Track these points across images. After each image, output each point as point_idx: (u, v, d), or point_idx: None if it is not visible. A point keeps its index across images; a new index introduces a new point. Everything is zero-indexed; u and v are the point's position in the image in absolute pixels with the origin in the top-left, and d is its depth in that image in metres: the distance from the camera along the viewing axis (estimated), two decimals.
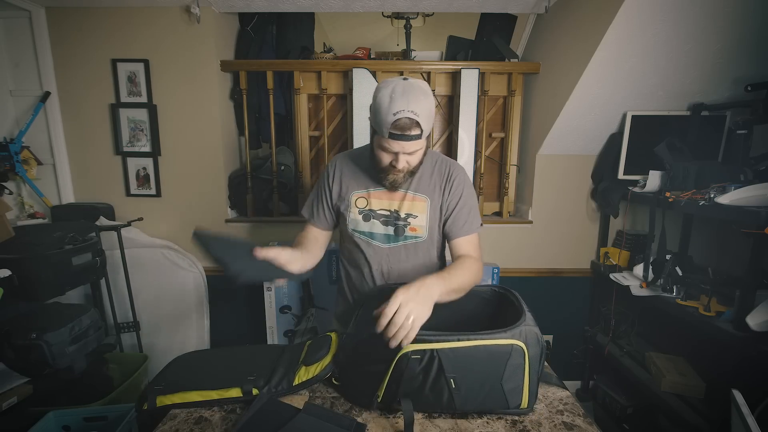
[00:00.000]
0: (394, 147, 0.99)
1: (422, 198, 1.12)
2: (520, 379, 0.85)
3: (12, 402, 1.35)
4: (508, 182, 2.18)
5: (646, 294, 1.71)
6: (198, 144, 2.08)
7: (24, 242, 1.55)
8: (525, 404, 0.87)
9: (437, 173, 1.14)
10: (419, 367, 0.83)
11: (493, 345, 0.83)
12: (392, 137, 0.97)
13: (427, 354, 0.82)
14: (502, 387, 0.84)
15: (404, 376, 0.83)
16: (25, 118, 1.97)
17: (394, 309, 0.79)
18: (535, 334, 0.86)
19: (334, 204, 1.18)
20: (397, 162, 1.02)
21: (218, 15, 2.01)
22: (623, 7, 1.42)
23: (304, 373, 0.95)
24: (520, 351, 0.83)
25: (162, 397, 0.90)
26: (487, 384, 0.84)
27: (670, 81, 1.73)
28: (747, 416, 0.90)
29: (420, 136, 0.98)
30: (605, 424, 2.00)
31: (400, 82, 0.98)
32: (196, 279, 2.11)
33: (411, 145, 0.99)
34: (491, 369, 0.84)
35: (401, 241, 1.14)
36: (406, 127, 0.95)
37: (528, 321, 0.88)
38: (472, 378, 0.84)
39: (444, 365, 0.82)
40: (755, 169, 1.57)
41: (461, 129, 2.03)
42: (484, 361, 0.83)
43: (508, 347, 0.83)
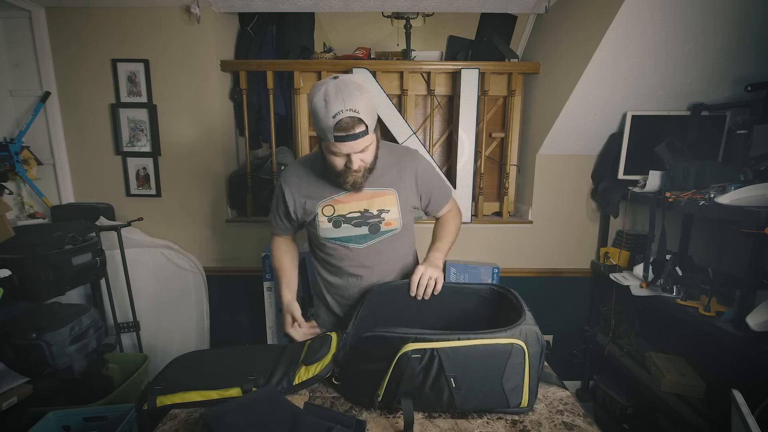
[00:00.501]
0: (343, 149, 0.97)
1: (390, 191, 1.13)
2: (520, 378, 0.85)
3: (12, 402, 1.34)
4: (508, 182, 2.18)
5: (646, 294, 1.71)
6: (198, 144, 2.08)
7: (24, 242, 1.55)
8: (525, 403, 0.87)
9: (397, 167, 1.14)
10: (419, 366, 0.83)
11: (494, 344, 0.83)
12: (338, 140, 0.95)
13: (427, 353, 0.82)
14: (503, 386, 0.84)
15: (404, 375, 0.83)
16: (25, 118, 1.97)
17: (418, 277, 1.05)
18: (535, 333, 0.86)
19: (297, 220, 1.18)
20: (352, 163, 1.00)
21: (218, 15, 2.01)
22: (623, 7, 1.42)
23: (305, 372, 0.94)
24: (520, 350, 0.83)
25: (162, 397, 0.90)
26: (487, 383, 0.84)
27: (670, 81, 1.73)
28: (747, 416, 0.90)
29: (366, 132, 0.96)
30: (605, 424, 2.00)
31: (330, 82, 0.95)
32: (196, 279, 2.11)
33: (359, 144, 0.97)
34: (491, 368, 0.84)
35: (378, 237, 1.15)
36: (349, 126, 0.93)
37: (528, 320, 0.88)
38: (472, 377, 0.84)
39: (444, 364, 0.82)
40: (755, 169, 1.57)
41: (461, 129, 2.03)
42: (484, 361, 0.83)
43: (509, 346, 0.83)
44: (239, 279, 2.20)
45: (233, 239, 2.19)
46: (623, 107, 1.86)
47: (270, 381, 0.91)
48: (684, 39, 1.55)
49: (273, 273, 1.96)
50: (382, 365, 0.85)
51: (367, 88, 0.98)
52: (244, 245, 2.19)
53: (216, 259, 2.20)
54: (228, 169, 2.18)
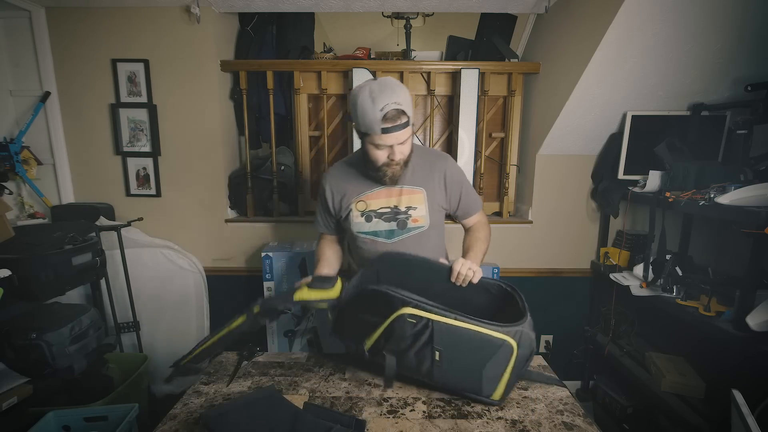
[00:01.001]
0: (388, 141, 1.05)
1: (418, 190, 1.20)
2: (500, 371, 0.87)
3: (12, 402, 1.34)
4: (508, 182, 2.18)
5: (646, 294, 1.71)
6: (198, 144, 2.08)
7: (24, 242, 1.55)
8: (498, 396, 0.89)
9: (428, 165, 1.22)
10: (412, 330, 0.86)
11: (487, 335, 0.85)
12: (385, 131, 1.03)
13: (422, 321, 0.85)
14: (482, 374, 0.87)
15: (395, 334, 0.86)
16: (25, 118, 1.97)
17: (460, 265, 1.06)
18: (529, 339, 0.88)
19: (335, 215, 1.26)
20: (395, 154, 1.08)
21: (218, 15, 2.01)
22: (623, 7, 1.42)
23: (306, 293, 0.96)
24: (509, 348, 0.85)
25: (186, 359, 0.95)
26: (469, 367, 0.87)
27: (670, 81, 1.73)
28: (747, 416, 0.90)
29: (408, 123, 1.06)
30: (605, 424, 2.00)
31: (372, 82, 1.05)
32: (196, 279, 2.11)
33: (403, 134, 1.06)
34: (477, 355, 0.86)
35: (405, 234, 1.21)
36: (395, 117, 1.02)
37: (527, 325, 0.89)
38: (456, 357, 0.87)
39: (435, 336, 0.85)
40: (755, 169, 1.57)
41: (461, 129, 2.03)
42: (473, 346, 0.85)
43: (500, 341, 0.85)
44: (239, 279, 2.20)
45: (233, 239, 2.19)
46: (623, 107, 1.86)
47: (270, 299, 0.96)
48: (684, 39, 1.55)
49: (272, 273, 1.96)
50: (377, 319, 0.88)
51: (404, 85, 1.09)
52: (244, 245, 2.19)
53: (216, 259, 2.20)
54: (228, 169, 2.18)
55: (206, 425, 0.75)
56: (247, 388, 1.03)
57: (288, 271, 1.97)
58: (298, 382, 1.05)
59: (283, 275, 1.97)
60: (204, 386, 1.03)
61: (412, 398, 0.97)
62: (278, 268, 1.96)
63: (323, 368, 1.12)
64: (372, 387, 1.02)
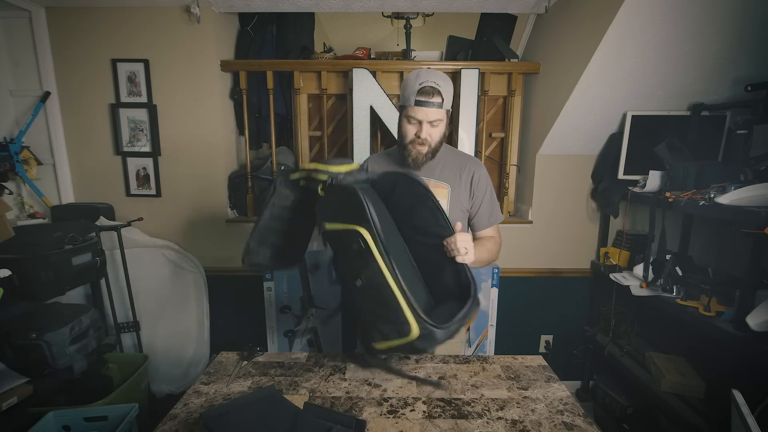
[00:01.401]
0: (419, 114, 1.12)
1: (443, 185, 1.23)
2: (392, 337, 0.85)
3: (12, 402, 1.34)
4: (508, 182, 2.18)
5: (646, 294, 1.71)
6: (198, 144, 2.08)
7: (24, 242, 1.55)
8: (379, 348, 0.88)
9: (457, 166, 1.25)
10: (356, 247, 0.86)
11: (402, 308, 0.82)
12: (417, 104, 1.11)
13: (366, 251, 0.84)
14: (378, 329, 0.87)
15: (343, 239, 0.89)
16: (25, 118, 1.97)
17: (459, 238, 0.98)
18: (433, 341, 0.84)
19: None
20: (421, 131, 1.14)
21: (218, 15, 2.01)
22: (623, 7, 1.42)
23: (315, 164, 0.99)
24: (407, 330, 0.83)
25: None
26: (372, 311, 0.87)
27: (670, 81, 1.73)
28: (747, 416, 0.90)
29: (441, 105, 1.12)
30: (605, 424, 2.00)
31: (424, 68, 1.19)
32: (196, 279, 2.11)
33: (433, 113, 1.12)
34: (382, 311, 0.85)
35: None
36: (429, 93, 1.10)
37: (442, 332, 0.84)
38: (370, 294, 0.87)
39: (364, 271, 0.85)
40: (755, 169, 1.57)
41: (461, 129, 2.03)
42: (384, 306, 0.84)
43: (405, 320, 0.83)
44: (239, 279, 2.20)
45: (233, 239, 2.19)
46: (623, 107, 1.86)
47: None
48: (684, 39, 1.55)
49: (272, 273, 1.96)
50: (343, 216, 0.89)
51: (451, 81, 1.17)
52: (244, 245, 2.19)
53: (216, 259, 2.20)
54: (228, 169, 2.18)
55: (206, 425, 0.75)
56: (247, 388, 1.03)
57: (288, 271, 1.97)
58: (298, 382, 1.05)
59: (283, 275, 1.97)
60: (204, 386, 1.03)
61: (412, 398, 0.97)
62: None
63: (323, 368, 1.12)
64: (372, 387, 1.02)
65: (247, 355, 1.17)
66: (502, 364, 1.15)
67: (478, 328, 2.06)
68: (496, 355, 1.30)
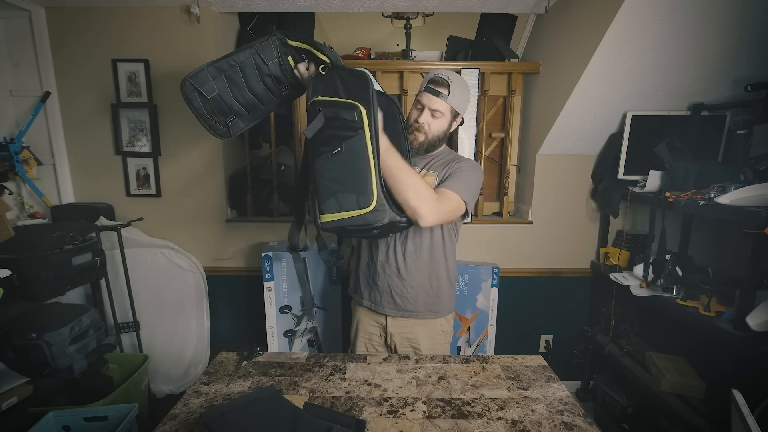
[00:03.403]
0: (423, 99, 1.21)
1: (432, 173, 1.27)
2: (345, 208, 0.94)
3: (12, 402, 1.34)
4: (508, 182, 2.18)
5: (646, 294, 1.71)
6: (198, 144, 2.08)
7: (24, 242, 1.55)
8: (324, 219, 0.95)
9: (452, 160, 1.29)
10: (347, 117, 0.94)
11: (370, 175, 0.93)
12: (426, 90, 1.20)
13: (358, 124, 0.93)
14: (337, 195, 0.94)
15: (340, 112, 0.95)
16: (25, 118, 1.97)
17: None
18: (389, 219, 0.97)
19: None
20: (421, 116, 1.21)
21: (218, 15, 2.01)
22: (623, 7, 1.42)
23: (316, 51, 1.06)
24: (370, 199, 0.93)
25: None
26: (340, 179, 0.94)
27: (670, 81, 1.73)
28: (747, 416, 0.90)
29: (446, 98, 1.18)
30: (605, 424, 2.00)
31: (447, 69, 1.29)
32: (196, 279, 2.11)
33: (436, 101, 1.19)
34: (351, 179, 0.94)
35: None
36: (438, 82, 1.18)
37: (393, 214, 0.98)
38: (343, 162, 0.94)
39: (347, 143, 0.93)
40: (755, 169, 1.57)
41: (461, 129, 2.03)
42: (354, 170, 0.94)
43: (371, 189, 0.94)
44: (239, 279, 2.20)
45: (233, 239, 2.19)
46: (623, 107, 1.86)
47: None
48: (684, 39, 1.55)
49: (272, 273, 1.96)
50: (346, 91, 0.97)
51: (470, 89, 1.26)
52: (244, 245, 2.19)
53: (216, 259, 2.20)
54: (228, 169, 2.18)
55: (206, 425, 0.75)
56: (247, 388, 1.03)
57: (288, 271, 1.97)
58: (298, 382, 1.05)
59: (283, 275, 1.97)
60: (204, 386, 1.03)
61: (412, 398, 0.97)
62: (278, 268, 1.96)
63: (323, 368, 1.12)
64: (372, 387, 1.02)
65: (247, 355, 1.17)
66: (502, 364, 1.15)
67: (478, 328, 2.06)
68: (496, 355, 1.30)
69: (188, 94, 1.10)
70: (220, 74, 1.10)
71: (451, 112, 1.22)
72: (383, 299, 1.32)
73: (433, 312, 1.33)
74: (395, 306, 1.31)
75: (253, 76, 1.12)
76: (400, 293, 1.30)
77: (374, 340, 1.39)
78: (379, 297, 1.32)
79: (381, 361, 1.16)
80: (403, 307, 1.31)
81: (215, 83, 1.09)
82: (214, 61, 1.10)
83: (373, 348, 1.39)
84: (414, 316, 1.32)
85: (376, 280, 1.32)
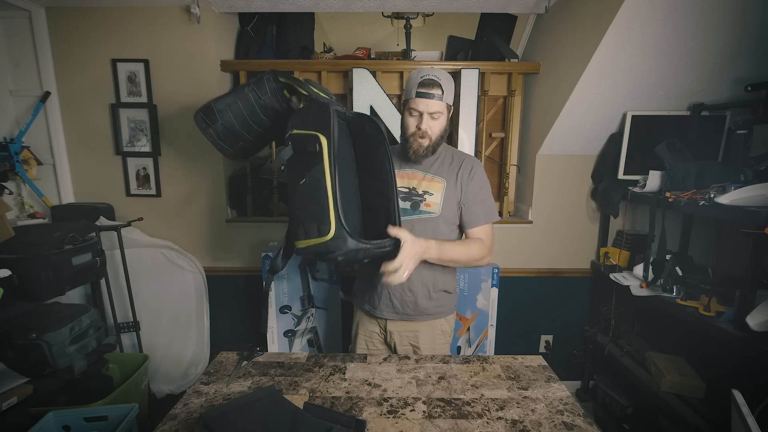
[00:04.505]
0: (419, 105, 1.17)
1: (440, 180, 1.26)
2: (307, 236, 0.96)
3: (12, 402, 1.35)
4: (508, 182, 2.18)
5: (646, 294, 1.71)
6: (198, 144, 2.08)
7: (24, 242, 1.55)
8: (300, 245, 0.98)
9: (457, 162, 1.28)
10: (310, 149, 0.97)
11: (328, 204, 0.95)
12: (418, 95, 1.16)
13: (317, 156, 0.96)
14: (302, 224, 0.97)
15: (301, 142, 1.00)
16: (25, 118, 1.97)
17: (397, 267, 1.00)
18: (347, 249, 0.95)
19: None
20: (422, 122, 1.18)
21: (218, 15, 2.01)
22: (623, 7, 1.42)
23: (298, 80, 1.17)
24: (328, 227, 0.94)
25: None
26: (302, 208, 0.98)
27: (670, 81, 1.73)
28: (747, 416, 0.90)
29: (441, 98, 1.16)
30: (605, 424, 2.00)
31: (428, 66, 1.25)
32: (196, 279, 2.11)
33: (433, 104, 1.16)
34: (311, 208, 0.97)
35: (416, 215, 1.26)
36: (429, 85, 1.15)
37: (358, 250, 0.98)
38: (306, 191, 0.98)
39: (310, 173, 0.96)
40: (755, 169, 1.57)
41: (461, 129, 2.03)
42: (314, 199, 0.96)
43: (328, 217, 0.94)
44: (239, 279, 2.20)
45: (233, 239, 2.19)
46: (623, 107, 1.86)
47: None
48: (684, 39, 1.55)
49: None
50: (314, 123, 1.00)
51: (453, 82, 1.22)
52: (244, 245, 2.19)
53: (216, 259, 2.20)
54: (228, 169, 2.18)
55: (206, 425, 0.75)
56: (247, 388, 1.03)
57: (288, 271, 1.97)
58: (298, 382, 1.05)
59: (283, 275, 1.97)
60: (204, 386, 1.03)
61: (412, 398, 0.97)
62: None
63: (323, 368, 1.12)
64: (372, 387, 1.02)
65: (247, 355, 1.17)
66: (502, 364, 1.15)
67: (478, 328, 2.06)
68: (496, 355, 1.30)
69: (200, 124, 1.24)
70: (225, 108, 1.22)
71: (447, 108, 1.22)
72: (381, 303, 1.32)
73: (432, 315, 1.33)
74: (394, 310, 1.31)
75: (252, 109, 1.24)
76: (399, 298, 1.29)
77: (374, 338, 1.39)
78: (378, 301, 1.32)
79: (381, 361, 1.16)
80: (402, 311, 1.31)
81: (219, 116, 1.22)
82: (220, 97, 1.23)
83: (374, 346, 1.39)
84: (413, 319, 1.32)
85: (375, 284, 1.32)
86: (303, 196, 0.97)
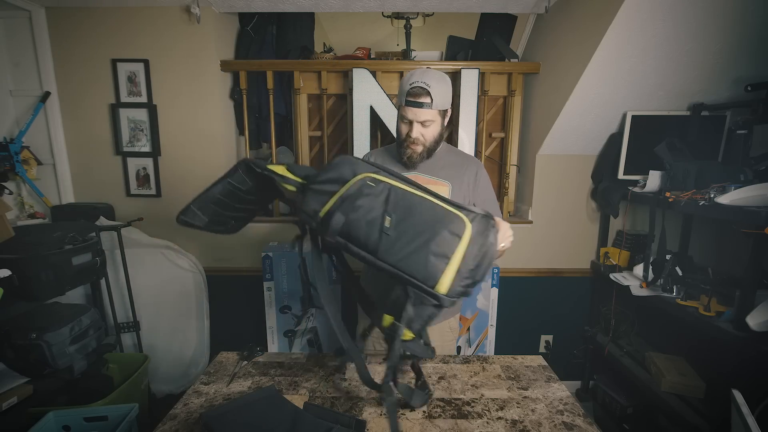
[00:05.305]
0: (408, 114, 1.15)
1: (444, 183, 1.23)
2: (449, 252, 0.79)
3: (12, 402, 1.34)
4: (508, 182, 2.18)
5: (646, 294, 1.71)
6: (198, 144, 2.08)
7: (24, 242, 1.55)
8: (444, 289, 0.79)
9: (460, 164, 1.26)
10: (369, 193, 0.83)
11: (441, 207, 0.82)
12: (407, 104, 1.14)
13: (381, 185, 0.84)
14: (429, 248, 0.79)
15: (352, 195, 0.83)
16: (25, 118, 1.97)
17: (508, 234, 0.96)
18: (485, 229, 0.81)
19: None
20: (412, 131, 1.16)
21: (218, 15, 2.01)
22: (623, 7, 1.42)
23: (280, 168, 1.01)
24: (461, 224, 0.80)
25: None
26: (416, 240, 0.80)
27: (670, 81, 1.73)
28: (747, 416, 0.90)
29: (430, 106, 1.12)
30: (605, 424, 2.00)
31: (422, 68, 1.18)
32: (196, 279, 2.11)
33: (422, 113, 1.13)
34: (427, 227, 0.80)
35: None
36: (417, 94, 1.11)
37: (482, 222, 0.82)
38: (406, 226, 0.81)
39: (390, 201, 0.82)
40: (755, 169, 1.57)
41: (461, 129, 2.03)
42: (426, 217, 0.81)
43: (453, 215, 0.81)
44: (239, 279, 2.20)
45: (233, 239, 2.18)
46: (623, 107, 1.86)
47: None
48: (684, 39, 1.55)
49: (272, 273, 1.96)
50: (335, 187, 0.85)
51: (449, 81, 1.17)
52: (244, 245, 2.19)
53: (216, 259, 2.20)
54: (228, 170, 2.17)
55: (206, 425, 0.75)
56: (247, 388, 1.03)
57: (288, 271, 1.97)
58: (298, 382, 1.05)
59: (283, 275, 1.97)
60: (204, 386, 1.03)
61: None
62: (278, 268, 1.96)
63: (323, 368, 1.12)
64: None
65: (247, 355, 1.17)
66: (502, 364, 1.15)
67: (478, 328, 2.06)
68: (496, 355, 1.30)
69: (185, 225, 1.20)
70: (206, 204, 1.19)
71: (440, 114, 1.19)
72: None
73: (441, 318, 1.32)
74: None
75: (234, 197, 1.21)
76: None
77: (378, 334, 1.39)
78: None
79: (381, 361, 1.16)
80: None
81: (202, 213, 1.20)
82: (198, 197, 1.19)
83: (381, 346, 1.38)
84: None
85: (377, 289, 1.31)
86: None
